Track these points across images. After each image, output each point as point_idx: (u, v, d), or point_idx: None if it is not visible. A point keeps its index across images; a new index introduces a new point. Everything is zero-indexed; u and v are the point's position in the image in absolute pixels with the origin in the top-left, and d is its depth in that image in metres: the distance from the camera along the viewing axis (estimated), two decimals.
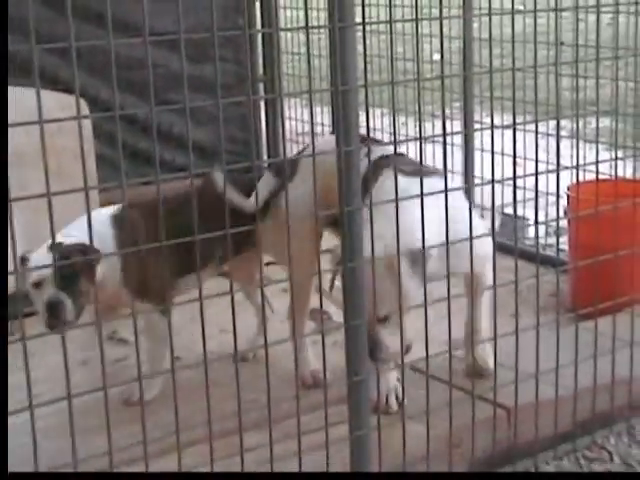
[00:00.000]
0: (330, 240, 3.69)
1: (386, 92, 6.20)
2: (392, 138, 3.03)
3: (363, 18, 2.92)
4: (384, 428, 3.08)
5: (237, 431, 2.71)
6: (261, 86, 7.19)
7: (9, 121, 2.25)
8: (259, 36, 7.05)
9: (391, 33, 2.91)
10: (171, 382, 2.57)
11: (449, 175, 3.24)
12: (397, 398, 3.59)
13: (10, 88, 2.35)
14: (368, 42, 3.20)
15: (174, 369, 2.57)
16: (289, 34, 7.61)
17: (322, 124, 6.97)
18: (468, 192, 5.29)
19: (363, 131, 2.97)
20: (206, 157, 6.10)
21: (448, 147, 5.04)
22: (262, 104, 7.16)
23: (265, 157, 7.20)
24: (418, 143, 3.07)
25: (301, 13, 6.93)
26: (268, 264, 3.80)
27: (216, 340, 3.68)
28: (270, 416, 2.75)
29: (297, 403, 2.86)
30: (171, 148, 6.12)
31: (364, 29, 2.99)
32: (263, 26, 6.96)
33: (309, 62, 2.96)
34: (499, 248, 3.61)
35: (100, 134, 5.04)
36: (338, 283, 3.11)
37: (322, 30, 5.81)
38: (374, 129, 2.90)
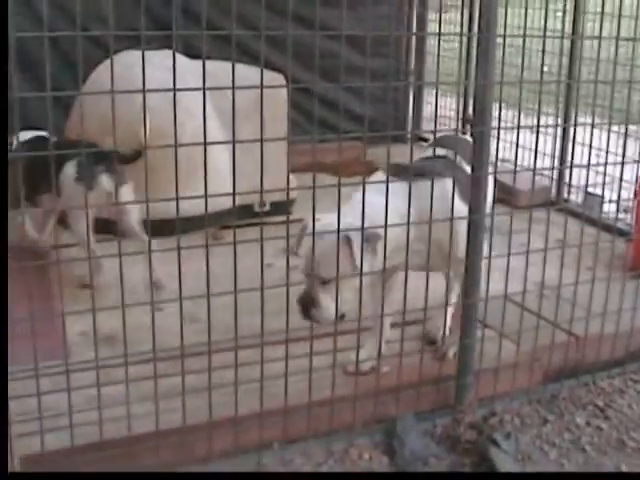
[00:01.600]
0: None
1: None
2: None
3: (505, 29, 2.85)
4: (486, 341, 3.03)
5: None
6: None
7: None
8: (413, 39, 7.22)
9: (523, 47, 2.80)
10: None
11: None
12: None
13: (236, 65, 2.32)
14: None
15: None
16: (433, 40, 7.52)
17: (450, 109, 6.85)
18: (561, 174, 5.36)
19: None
20: (369, 126, 6.06)
21: (549, 137, 5.35)
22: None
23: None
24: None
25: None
26: None
27: None
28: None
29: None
30: (346, 119, 6.11)
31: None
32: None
33: (438, 63, 2.92)
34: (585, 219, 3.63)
35: (292, 104, 5.03)
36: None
37: (455, 38, 5.88)
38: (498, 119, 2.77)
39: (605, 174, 3.37)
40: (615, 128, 3.77)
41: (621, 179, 3.34)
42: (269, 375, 2.56)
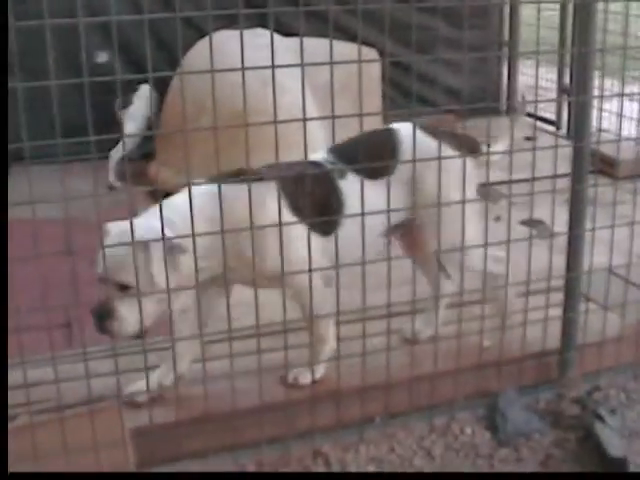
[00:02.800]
0: None
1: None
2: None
3: None
4: (589, 315, 2.96)
5: None
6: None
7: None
8: (507, 9, 7.07)
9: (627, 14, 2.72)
10: None
11: None
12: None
13: (325, 40, 2.32)
14: None
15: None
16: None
17: (546, 80, 6.65)
18: None
19: None
20: (460, 99, 6.00)
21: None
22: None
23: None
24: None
25: None
26: None
27: None
28: None
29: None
30: (435, 91, 6.05)
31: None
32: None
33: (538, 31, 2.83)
34: None
35: (385, 78, 5.05)
36: None
37: (552, 6, 5.70)
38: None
39: None
40: None
41: None
42: (370, 349, 2.56)
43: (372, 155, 2.61)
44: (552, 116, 6.74)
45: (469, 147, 2.83)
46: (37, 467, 2.30)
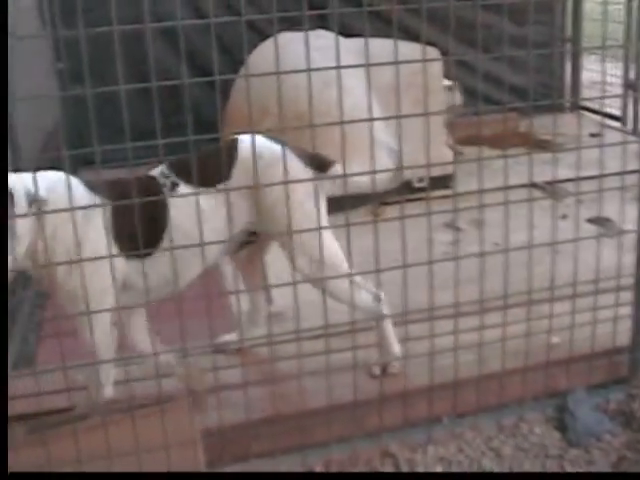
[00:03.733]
0: None
1: None
2: None
3: None
4: None
5: None
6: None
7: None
8: (569, 5, 6.99)
9: None
10: None
11: None
12: None
13: (389, 41, 2.33)
14: None
15: None
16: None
17: (612, 75, 6.51)
18: None
19: None
20: (522, 97, 5.93)
21: None
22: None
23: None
24: None
25: None
26: None
27: None
28: None
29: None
30: (500, 90, 6.00)
31: None
32: None
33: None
34: None
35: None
36: None
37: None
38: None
39: None
40: None
41: None
42: (438, 349, 2.55)
43: (207, 164, 2.53)
44: (618, 112, 6.62)
45: (318, 164, 2.71)
46: (108, 466, 2.34)
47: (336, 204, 2.64)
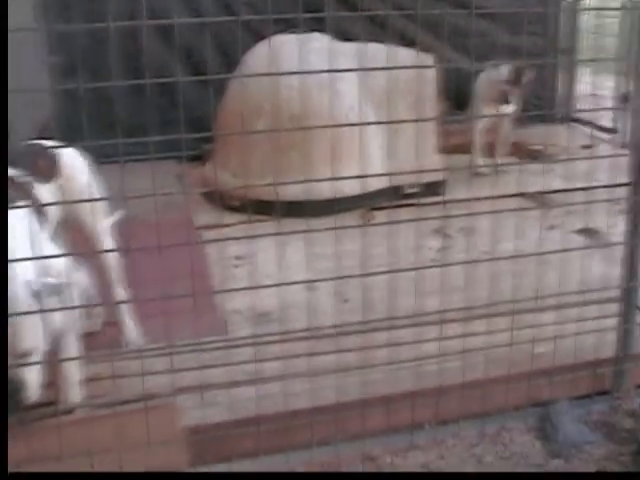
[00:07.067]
0: None
1: None
2: None
3: None
4: None
5: None
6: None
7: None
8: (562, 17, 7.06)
9: None
10: None
11: None
12: None
13: (385, 46, 2.34)
14: None
15: None
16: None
17: (603, 88, 6.59)
18: None
19: None
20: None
21: None
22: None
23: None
24: None
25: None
26: None
27: None
28: None
29: None
30: None
31: None
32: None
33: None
34: None
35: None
36: None
37: (613, 13, 5.65)
38: None
39: None
40: None
41: None
42: (422, 355, 2.56)
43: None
44: (609, 124, 6.66)
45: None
46: (90, 462, 2.35)
47: (327, 207, 2.66)
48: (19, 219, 2.31)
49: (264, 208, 2.94)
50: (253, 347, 2.45)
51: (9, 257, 2.14)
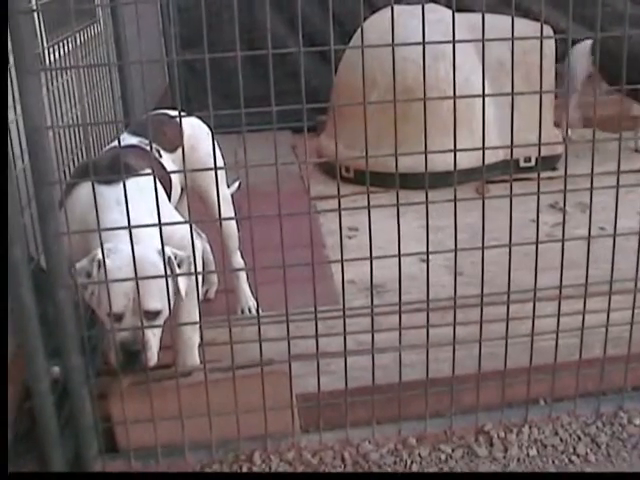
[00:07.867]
0: None
1: None
2: None
3: None
4: None
5: None
6: None
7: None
8: None
9: None
10: None
11: None
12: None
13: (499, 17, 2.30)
14: None
15: None
16: None
17: None
18: None
19: None
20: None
21: None
22: None
23: None
24: None
25: None
26: None
27: None
28: None
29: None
30: None
31: None
32: None
33: None
34: None
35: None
36: None
37: None
38: None
39: None
40: None
41: None
42: (539, 331, 2.52)
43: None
44: None
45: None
46: (206, 424, 2.42)
47: (441, 180, 2.64)
48: (147, 186, 2.40)
49: (377, 180, 2.94)
50: (367, 317, 2.45)
51: (139, 222, 2.28)
